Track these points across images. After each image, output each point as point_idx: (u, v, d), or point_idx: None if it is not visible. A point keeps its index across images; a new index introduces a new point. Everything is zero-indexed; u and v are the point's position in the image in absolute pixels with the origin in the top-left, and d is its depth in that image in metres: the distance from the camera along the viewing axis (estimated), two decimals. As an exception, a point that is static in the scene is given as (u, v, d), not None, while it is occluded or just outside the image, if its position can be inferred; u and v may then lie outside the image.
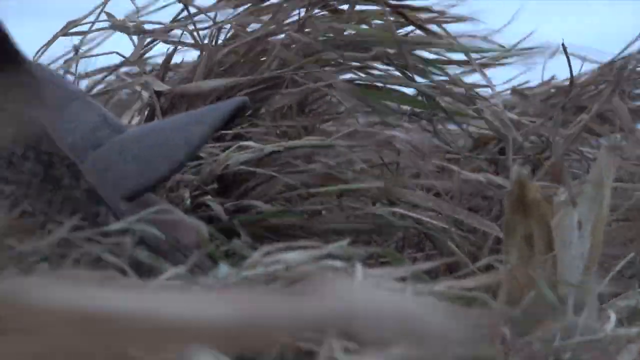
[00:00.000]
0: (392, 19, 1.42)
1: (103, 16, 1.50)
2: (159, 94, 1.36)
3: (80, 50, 1.53)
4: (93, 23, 1.51)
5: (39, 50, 1.46)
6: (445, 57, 1.47)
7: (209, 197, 1.13)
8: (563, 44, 1.44)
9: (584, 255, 0.99)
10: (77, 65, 1.51)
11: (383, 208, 1.16)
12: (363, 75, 1.44)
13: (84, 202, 0.90)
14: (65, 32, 1.51)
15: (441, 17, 1.49)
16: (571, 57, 1.49)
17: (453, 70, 1.49)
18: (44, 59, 1.45)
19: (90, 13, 1.52)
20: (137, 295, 0.26)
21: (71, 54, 1.52)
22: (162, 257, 0.87)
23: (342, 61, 1.41)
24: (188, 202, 1.12)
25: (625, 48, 1.61)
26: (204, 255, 0.90)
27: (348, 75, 1.46)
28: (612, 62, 1.58)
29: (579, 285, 0.96)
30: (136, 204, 0.94)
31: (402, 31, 1.46)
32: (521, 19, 1.74)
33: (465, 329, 0.72)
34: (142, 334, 0.25)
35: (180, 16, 1.50)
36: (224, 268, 0.83)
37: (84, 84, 1.52)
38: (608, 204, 1.03)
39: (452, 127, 1.45)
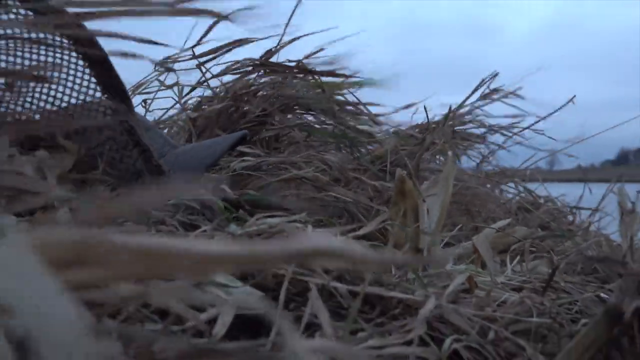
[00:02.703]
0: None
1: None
2: (193, 123, 1.35)
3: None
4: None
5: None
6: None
7: (225, 186, 1.11)
8: (424, 107, 1.43)
9: (436, 222, 0.98)
10: (147, 109, 1.49)
11: (322, 194, 1.14)
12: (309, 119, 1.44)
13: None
14: (135, 90, 1.49)
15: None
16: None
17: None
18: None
19: (150, 78, 1.51)
20: (182, 239, 0.23)
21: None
22: (200, 218, 0.85)
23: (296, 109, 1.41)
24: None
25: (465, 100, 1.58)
26: (223, 219, 0.87)
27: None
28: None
29: (432, 235, 0.94)
30: (186, 187, 0.91)
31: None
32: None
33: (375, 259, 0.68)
34: (184, 263, 0.24)
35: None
36: (233, 226, 0.83)
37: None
38: (450, 192, 1.02)
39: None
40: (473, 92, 1.57)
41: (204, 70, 1.44)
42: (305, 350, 0.21)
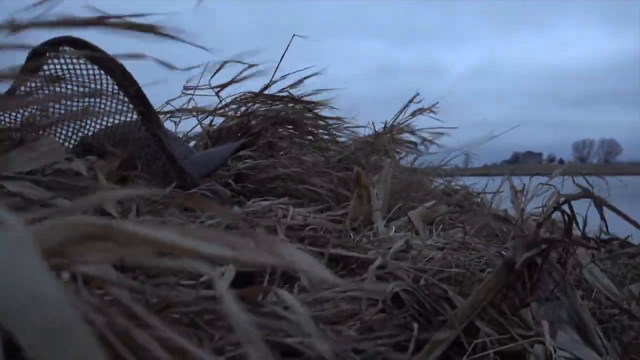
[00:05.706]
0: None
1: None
2: (208, 135, 1.30)
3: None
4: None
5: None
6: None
7: (231, 180, 1.07)
8: (372, 122, 1.41)
9: (382, 203, 0.96)
10: (177, 127, 1.40)
11: (300, 185, 1.11)
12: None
13: (179, 177, 0.84)
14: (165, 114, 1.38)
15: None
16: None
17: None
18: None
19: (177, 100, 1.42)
20: (179, 233, 0.21)
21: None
22: (214, 201, 0.82)
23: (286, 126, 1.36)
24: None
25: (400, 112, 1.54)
26: (229, 202, 0.85)
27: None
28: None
29: (380, 211, 0.92)
30: (201, 181, 0.88)
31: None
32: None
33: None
34: (171, 251, 0.21)
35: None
36: (236, 207, 0.80)
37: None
38: (390, 182, 1.01)
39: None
40: (401, 111, 1.55)
41: (219, 97, 1.37)
42: (239, 312, 0.19)
